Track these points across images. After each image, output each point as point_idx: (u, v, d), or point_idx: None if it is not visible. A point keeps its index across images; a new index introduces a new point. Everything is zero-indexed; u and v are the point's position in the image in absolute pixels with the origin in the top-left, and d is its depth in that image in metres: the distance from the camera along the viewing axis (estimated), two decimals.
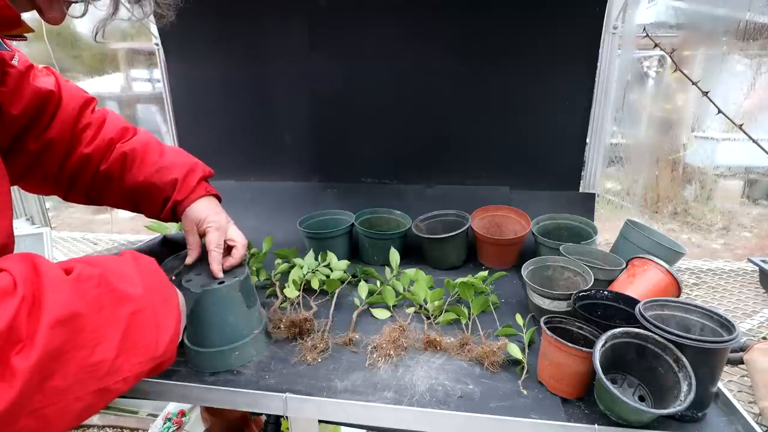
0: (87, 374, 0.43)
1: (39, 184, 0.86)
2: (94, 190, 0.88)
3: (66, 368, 0.42)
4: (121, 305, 0.48)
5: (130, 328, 0.47)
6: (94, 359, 0.44)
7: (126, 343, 0.47)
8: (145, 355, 0.49)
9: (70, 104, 0.83)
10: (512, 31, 1.38)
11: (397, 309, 1.05)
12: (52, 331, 0.40)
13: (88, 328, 0.44)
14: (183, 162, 0.91)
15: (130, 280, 0.51)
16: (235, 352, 0.84)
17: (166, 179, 0.87)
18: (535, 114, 1.45)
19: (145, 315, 0.50)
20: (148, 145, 0.89)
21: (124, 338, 0.46)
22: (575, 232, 1.29)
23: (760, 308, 1.73)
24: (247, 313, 0.85)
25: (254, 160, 1.68)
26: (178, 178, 0.88)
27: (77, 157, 0.84)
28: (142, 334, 0.49)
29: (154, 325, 0.51)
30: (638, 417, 0.66)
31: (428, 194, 1.54)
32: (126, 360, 0.47)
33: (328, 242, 1.30)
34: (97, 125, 0.86)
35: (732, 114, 1.27)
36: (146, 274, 0.54)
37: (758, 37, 2.27)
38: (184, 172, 0.89)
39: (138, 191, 0.87)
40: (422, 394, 0.76)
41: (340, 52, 1.49)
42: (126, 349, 0.47)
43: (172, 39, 1.58)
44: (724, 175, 3.72)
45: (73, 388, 0.43)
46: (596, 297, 0.88)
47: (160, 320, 0.52)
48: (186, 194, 0.88)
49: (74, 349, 0.42)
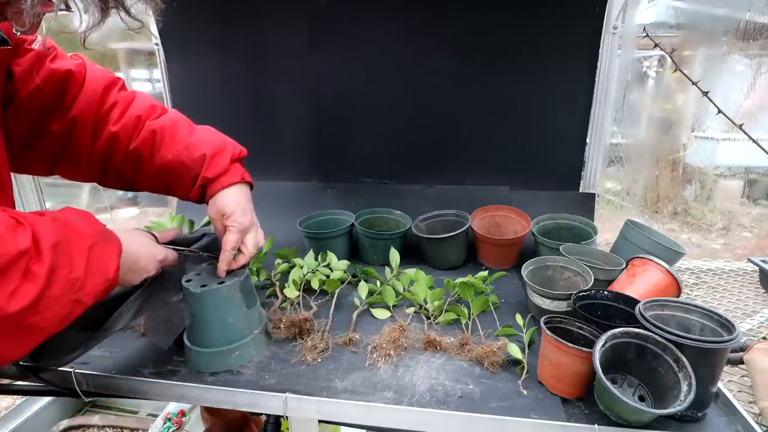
0: (69, 287, 0.57)
1: (72, 169, 0.88)
2: (127, 171, 0.88)
3: (58, 281, 0.55)
4: (81, 239, 0.61)
5: (90, 255, 0.60)
6: (73, 276, 0.58)
7: (89, 267, 0.60)
8: (101, 277, 0.62)
9: (93, 84, 0.83)
10: (512, 31, 1.38)
11: (397, 309, 1.05)
12: (50, 251, 0.55)
13: (66, 253, 0.57)
14: (212, 139, 0.89)
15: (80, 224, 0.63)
16: (235, 352, 0.84)
17: (195, 155, 0.86)
18: (535, 114, 1.45)
19: (97, 249, 0.62)
20: (176, 124, 0.88)
21: (88, 262, 0.60)
22: (575, 232, 1.29)
23: (760, 308, 1.72)
24: (247, 313, 0.86)
25: (254, 160, 1.66)
26: (206, 154, 0.86)
27: (106, 136, 0.84)
28: (97, 261, 0.62)
29: (104, 256, 0.64)
30: (638, 417, 0.66)
31: (428, 194, 1.54)
32: (90, 279, 0.60)
33: (328, 242, 1.30)
34: (124, 104, 0.86)
35: (732, 114, 1.27)
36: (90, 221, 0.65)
37: (758, 37, 2.27)
38: (214, 149, 0.87)
39: (168, 170, 0.86)
40: (422, 394, 0.76)
41: (341, 51, 1.49)
42: (90, 271, 0.60)
43: (172, 39, 1.58)
44: (724, 175, 3.72)
45: (62, 297, 0.56)
46: (596, 297, 0.88)
47: (105, 253, 0.64)
48: (216, 174, 0.86)
49: (62, 267, 0.56)
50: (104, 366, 0.85)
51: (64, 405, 1.67)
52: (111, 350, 0.90)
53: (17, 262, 0.51)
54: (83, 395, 0.85)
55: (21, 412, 1.53)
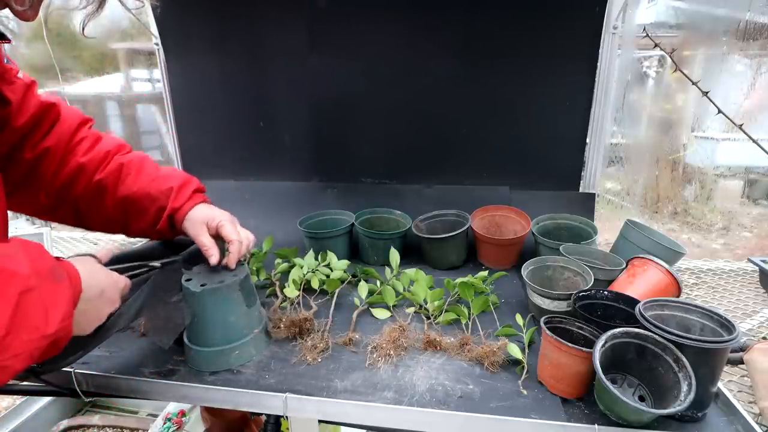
0: None
1: (28, 198, 0.85)
2: (85, 203, 0.87)
3: None
4: (8, 284, 0.49)
5: (19, 307, 0.49)
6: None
7: (15, 322, 0.48)
8: (36, 333, 0.50)
9: (69, 119, 0.86)
10: (512, 32, 1.38)
11: (397, 309, 1.05)
12: None
13: None
14: (179, 175, 0.93)
15: (18, 261, 0.52)
16: (234, 352, 0.84)
17: (162, 188, 0.88)
18: (535, 114, 1.45)
19: (34, 294, 0.51)
20: (145, 159, 0.91)
21: (12, 317, 0.48)
22: (575, 232, 1.29)
23: (760, 308, 1.73)
24: (247, 312, 0.86)
25: (254, 160, 1.68)
26: (173, 186, 0.89)
27: (72, 166, 0.84)
28: (31, 312, 0.50)
29: (43, 305, 0.52)
30: (638, 417, 0.66)
31: (428, 194, 1.54)
32: (16, 337, 0.48)
33: (328, 242, 1.30)
34: (93, 139, 0.88)
35: (732, 114, 1.27)
36: (34, 256, 0.54)
37: (758, 37, 2.27)
38: (180, 182, 0.91)
39: (132, 201, 0.88)
40: (422, 394, 0.76)
41: (340, 52, 1.49)
42: (15, 327, 0.48)
43: (172, 39, 1.58)
44: (724, 175, 3.72)
45: None
46: (596, 297, 0.88)
47: (49, 300, 0.53)
48: (183, 202, 0.90)
49: None
50: (104, 366, 0.85)
51: (64, 405, 1.67)
52: (111, 350, 0.90)
53: None
54: (83, 395, 0.85)
55: (21, 412, 1.53)
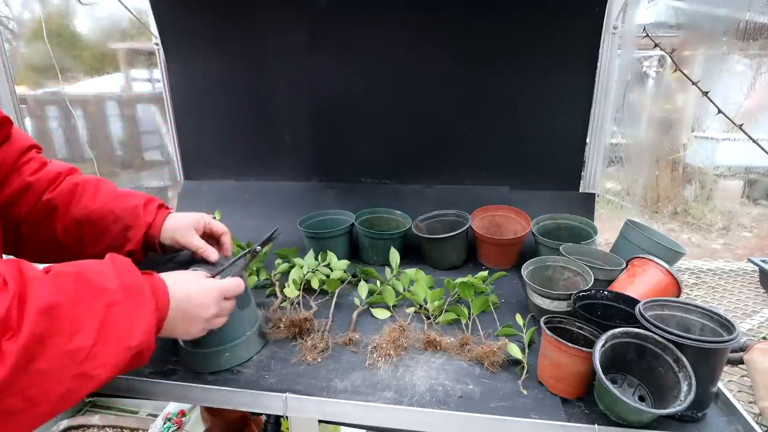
0: (67, 359, 0.48)
1: None
2: (29, 226, 0.81)
3: (48, 352, 0.47)
4: (96, 297, 0.52)
5: (105, 319, 0.52)
6: (73, 346, 0.49)
7: (102, 333, 0.51)
8: (121, 345, 0.53)
9: (20, 140, 0.80)
10: (512, 31, 1.38)
11: (397, 309, 1.05)
12: (35, 319, 0.46)
13: (67, 318, 0.49)
14: (139, 193, 0.90)
15: (106, 276, 0.55)
16: (225, 353, 0.83)
17: (126, 205, 0.85)
18: (535, 114, 1.45)
19: (120, 308, 0.54)
20: (101, 180, 0.87)
21: (100, 328, 0.51)
22: (575, 232, 1.29)
23: (760, 308, 1.72)
24: (239, 314, 0.85)
25: (254, 160, 1.68)
26: (138, 204, 0.86)
27: (16, 186, 0.78)
28: (117, 325, 0.53)
29: (128, 317, 0.55)
30: (638, 417, 0.66)
31: (428, 194, 1.54)
32: (103, 348, 0.51)
33: (328, 242, 1.30)
34: (40, 162, 0.83)
35: (732, 114, 1.27)
36: (122, 272, 0.57)
37: (758, 37, 2.27)
38: (144, 199, 0.88)
39: (89, 222, 0.83)
40: (422, 394, 0.76)
41: (340, 52, 1.49)
42: (102, 338, 0.51)
43: (172, 39, 1.58)
44: (724, 175, 3.72)
45: (55, 372, 0.48)
46: (596, 297, 0.88)
47: (133, 313, 0.56)
48: (154, 216, 0.88)
49: (54, 335, 0.47)
50: None
51: None
52: None
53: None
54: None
55: None
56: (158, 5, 1.52)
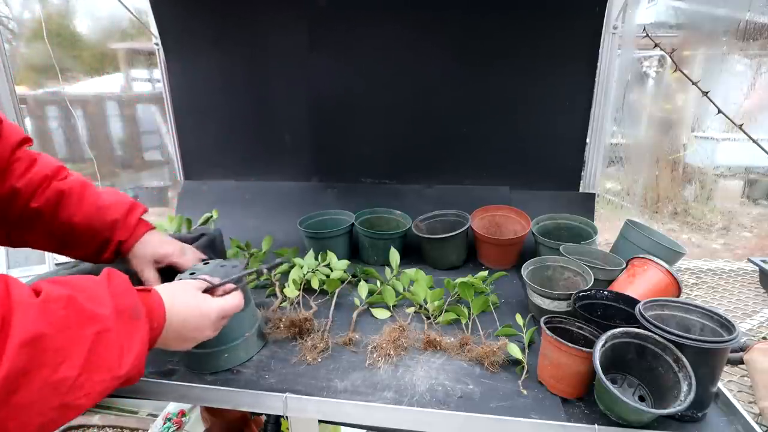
0: (49, 391, 0.45)
1: None
2: (18, 229, 0.82)
3: (29, 385, 0.44)
4: (86, 325, 0.49)
5: (94, 348, 0.49)
6: (57, 377, 0.46)
7: (89, 362, 0.48)
8: (108, 374, 0.51)
9: (11, 136, 0.79)
10: (512, 32, 1.38)
11: (397, 309, 1.05)
12: (18, 350, 0.42)
13: (52, 348, 0.45)
14: (121, 201, 0.89)
15: (100, 300, 0.52)
16: (224, 354, 0.83)
17: (107, 220, 0.85)
18: (535, 114, 1.45)
19: (110, 335, 0.51)
20: (85, 186, 0.86)
21: (88, 357, 0.48)
22: (575, 232, 1.29)
23: (760, 308, 1.72)
24: (238, 316, 0.85)
25: (254, 160, 1.68)
26: (118, 218, 0.86)
27: (5, 189, 0.78)
28: (106, 353, 0.50)
29: (119, 345, 0.52)
30: (638, 417, 0.66)
31: (428, 194, 1.54)
32: (88, 378, 0.48)
33: (328, 242, 1.30)
34: (29, 160, 0.82)
35: (732, 114, 1.27)
36: (118, 293, 0.55)
37: (758, 37, 2.27)
38: (124, 211, 0.88)
39: (72, 231, 0.83)
40: (422, 394, 0.76)
41: (340, 52, 1.49)
42: (89, 367, 0.48)
43: (172, 39, 1.58)
44: (724, 175, 3.72)
45: (36, 404, 0.45)
46: (596, 297, 0.88)
47: (124, 340, 0.53)
48: (129, 233, 0.88)
49: (38, 367, 0.44)
50: None
51: None
52: None
53: None
54: None
55: None
56: (158, 5, 1.52)
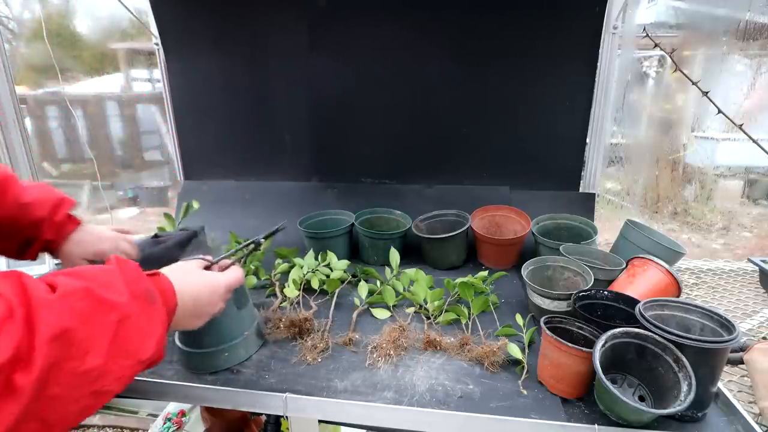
0: (80, 381, 0.47)
1: None
2: None
3: (60, 377, 0.45)
4: (107, 314, 0.50)
5: (117, 335, 0.50)
6: (85, 367, 0.47)
7: (114, 350, 0.49)
8: (133, 359, 0.52)
9: None
10: (512, 31, 1.38)
11: (397, 309, 1.05)
12: (46, 347, 0.43)
13: (77, 340, 0.46)
14: (46, 198, 0.86)
15: (115, 288, 0.53)
16: (224, 353, 0.83)
17: (32, 218, 0.83)
18: (535, 114, 1.45)
19: (131, 322, 0.52)
20: (8, 180, 0.82)
21: (111, 344, 0.49)
22: (575, 232, 1.29)
23: (760, 308, 1.72)
24: (237, 314, 0.85)
25: (254, 160, 1.68)
26: (44, 217, 0.84)
27: None
28: (128, 339, 0.51)
29: (140, 330, 0.53)
30: (638, 417, 0.66)
31: (428, 194, 1.54)
32: (114, 364, 0.50)
33: (328, 242, 1.30)
34: None
35: (732, 114, 1.27)
36: (131, 280, 0.55)
37: (758, 37, 2.27)
38: (49, 209, 0.86)
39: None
40: (422, 394, 0.76)
41: (340, 52, 1.49)
42: (114, 354, 0.49)
43: (172, 39, 1.58)
44: (724, 175, 3.72)
45: (69, 394, 0.46)
46: (596, 297, 0.88)
47: (144, 325, 0.54)
48: (55, 232, 0.86)
49: (66, 360, 0.45)
50: None
51: None
52: None
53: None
54: None
55: None
56: (158, 5, 1.52)
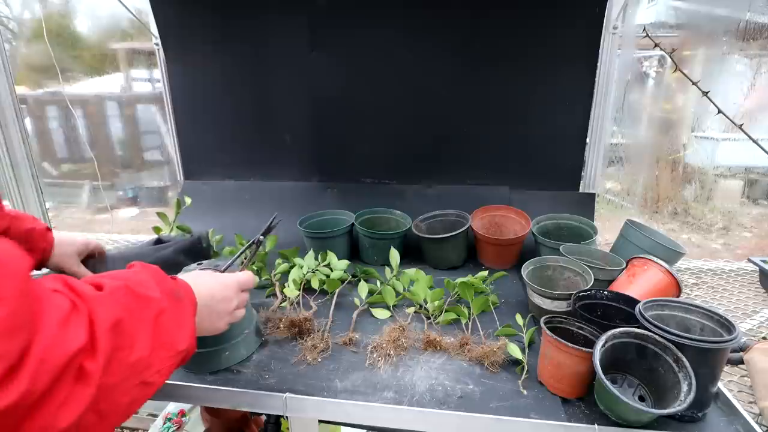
0: (130, 371, 0.50)
1: None
2: None
3: (114, 367, 0.48)
4: (146, 308, 0.54)
5: (156, 328, 0.54)
6: (134, 357, 0.50)
7: (155, 341, 0.53)
8: (172, 350, 0.56)
9: None
10: (512, 31, 1.38)
11: (397, 309, 1.05)
12: (107, 336, 0.47)
13: (126, 331, 0.50)
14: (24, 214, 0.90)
15: (148, 285, 0.57)
16: (225, 352, 0.83)
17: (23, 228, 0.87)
18: (535, 114, 1.45)
19: (166, 315, 0.56)
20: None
21: (153, 337, 0.53)
22: (575, 232, 1.29)
23: (760, 308, 1.72)
24: None
25: (254, 160, 1.68)
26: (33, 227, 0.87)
27: None
28: (166, 332, 0.56)
29: (174, 323, 0.58)
30: (638, 417, 0.66)
31: (428, 194, 1.54)
32: (157, 356, 0.54)
33: (328, 242, 1.30)
34: None
35: (732, 114, 1.26)
36: (159, 279, 0.59)
37: (758, 37, 2.27)
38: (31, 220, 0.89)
39: None
40: (422, 394, 0.76)
41: (340, 52, 1.49)
42: (156, 345, 0.53)
43: (172, 39, 1.58)
44: (724, 175, 3.72)
45: (121, 384, 0.49)
46: (596, 297, 0.88)
47: (178, 318, 0.58)
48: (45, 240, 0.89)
49: (119, 349, 0.49)
50: None
51: None
52: None
53: (70, 365, 0.43)
54: None
55: None
56: (158, 5, 1.53)
